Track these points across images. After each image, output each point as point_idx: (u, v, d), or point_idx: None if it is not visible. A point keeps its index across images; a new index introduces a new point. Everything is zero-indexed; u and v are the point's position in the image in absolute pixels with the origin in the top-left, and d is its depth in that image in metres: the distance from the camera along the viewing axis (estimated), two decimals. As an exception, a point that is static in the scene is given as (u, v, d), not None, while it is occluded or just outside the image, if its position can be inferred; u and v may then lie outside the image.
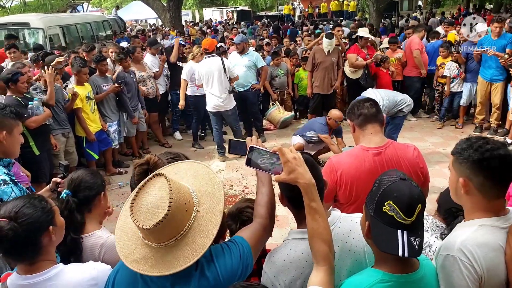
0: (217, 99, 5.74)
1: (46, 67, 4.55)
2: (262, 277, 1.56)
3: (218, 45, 6.83)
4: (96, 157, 5.38)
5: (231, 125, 6.09)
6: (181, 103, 6.30)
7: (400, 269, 1.33)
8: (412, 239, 1.24)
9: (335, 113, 5.39)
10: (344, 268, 1.53)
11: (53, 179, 2.20)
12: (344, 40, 7.94)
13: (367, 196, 1.38)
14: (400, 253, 1.23)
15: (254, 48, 7.88)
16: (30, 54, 6.44)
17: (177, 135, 7.25)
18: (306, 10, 25.73)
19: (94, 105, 5.32)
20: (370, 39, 7.32)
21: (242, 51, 6.55)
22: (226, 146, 6.11)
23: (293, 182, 1.36)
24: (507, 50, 5.91)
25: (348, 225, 1.56)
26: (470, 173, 1.45)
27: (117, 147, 5.87)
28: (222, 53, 7.43)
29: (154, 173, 1.35)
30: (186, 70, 6.31)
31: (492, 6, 19.01)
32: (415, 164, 2.25)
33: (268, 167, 1.45)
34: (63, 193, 1.91)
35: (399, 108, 5.04)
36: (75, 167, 4.94)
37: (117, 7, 22.06)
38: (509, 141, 5.87)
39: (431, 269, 1.44)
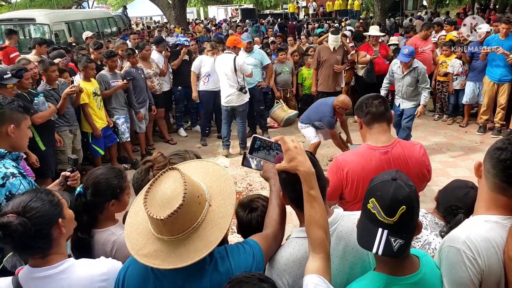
0: (227, 95, 5.91)
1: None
2: (266, 274, 1.56)
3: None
4: (102, 152, 5.41)
5: (238, 121, 6.19)
6: (194, 94, 6.38)
7: (401, 271, 1.33)
8: (393, 239, 1.25)
9: (343, 100, 5.12)
10: (347, 266, 1.54)
11: (62, 173, 2.20)
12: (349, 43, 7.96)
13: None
14: (374, 250, 1.26)
15: (259, 46, 7.90)
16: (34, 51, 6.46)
17: (182, 131, 7.29)
18: (321, 8, 25.51)
19: (101, 101, 5.34)
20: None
21: (248, 50, 6.61)
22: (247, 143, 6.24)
23: (294, 170, 1.39)
24: (514, 50, 5.92)
25: (351, 223, 1.56)
26: (486, 158, 1.50)
27: (128, 139, 5.84)
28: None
29: (168, 167, 1.36)
30: (196, 63, 6.39)
31: (497, 6, 18.89)
32: (422, 162, 2.26)
33: (269, 157, 1.51)
34: (77, 189, 1.93)
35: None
36: (80, 164, 4.98)
37: (125, 7, 22.06)
38: None
39: (432, 266, 1.45)
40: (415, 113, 5.48)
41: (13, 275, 1.54)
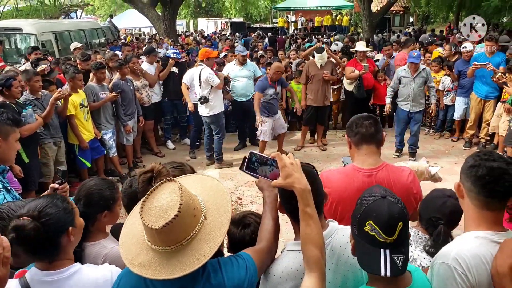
0: (198, 106, 6.04)
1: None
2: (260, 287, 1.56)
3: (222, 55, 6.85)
4: (89, 165, 5.31)
5: (214, 133, 6.18)
6: (190, 105, 6.27)
7: (394, 285, 1.34)
8: (395, 257, 1.26)
9: (274, 64, 5.99)
10: (340, 279, 1.54)
11: (51, 185, 2.16)
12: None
13: (351, 215, 1.40)
14: (383, 273, 1.25)
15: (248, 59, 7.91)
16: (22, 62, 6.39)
17: (170, 144, 7.21)
18: (310, 23, 25.79)
19: (88, 113, 5.26)
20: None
21: (243, 62, 6.63)
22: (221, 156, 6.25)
23: (289, 187, 1.38)
24: (501, 68, 6.06)
25: (345, 237, 1.56)
26: (463, 177, 1.54)
27: (115, 154, 5.79)
28: (219, 63, 7.47)
29: (165, 179, 1.37)
30: (188, 75, 6.37)
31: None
32: (409, 189, 2.17)
33: (265, 173, 1.51)
34: None
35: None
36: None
37: (111, 16, 22.04)
38: None
39: (423, 280, 1.46)
40: (430, 112, 6.45)
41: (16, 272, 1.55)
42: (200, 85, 5.88)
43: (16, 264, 1.63)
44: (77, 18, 23.35)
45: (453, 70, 6.74)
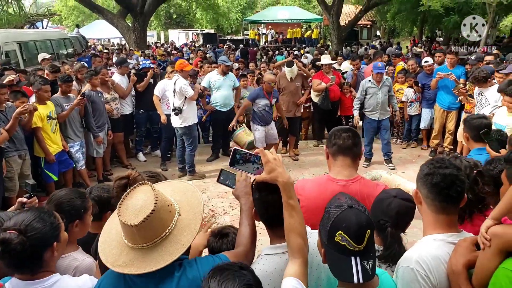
0: (171, 116, 6.01)
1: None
2: None
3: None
4: (55, 178, 5.14)
5: (186, 144, 6.15)
6: (163, 117, 6.21)
7: (362, 287, 1.37)
8: (365, 263, 1.31)
9: (266, 76, 6.14)
10: (314, 281, 1.59)
11: (19, 199, 2.11)
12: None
13: (320, 223, 1.45)
14: (355, 280, 1.30)
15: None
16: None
17: (141, 156, 7.10)
18: (280, 36, 26.11)
19: (56, 125, 5.13)
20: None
21: (226, 72, 6.70)
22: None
23: (273, 181, 1.46)
24: (461, 80, 6.37)
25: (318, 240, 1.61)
26: (419, 185, 1.64)
27: (83, 167, 5.66)
28: (191, 75, 7.46)
29: (138, 183, 1.45)
30: (160, 86, 6.34)
31: (442, 39, 20.37)
32: None
33: (249, 168, 1.58)
34: None
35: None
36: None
37: (78, 26, 21.59)
38: None
39: (390, 282, 1.51)
40: (396, 118, 6.80)
41: None
42: (174, 95, 5.84)
43: None
44: (43, 27, 22.75)
45: (419, 84, 7.00)
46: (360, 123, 6.76)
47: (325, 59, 7.60)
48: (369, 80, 6.36)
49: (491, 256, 1.43)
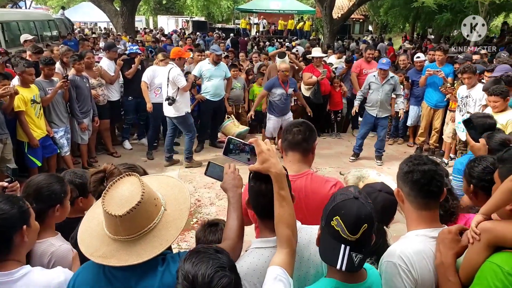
0: (164, 106, 5.89)
1: None
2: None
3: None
4: (39, 164, 5.02)
5: (184, 132, 6.12)
6: (149, 105, 6.16)
7: (350, 279, 1.41)
8: (354, 254, 1.33)
9: (281, 65, 6.06)
10: (303, 276, 1.61)
11: (0, 183, 2.05)
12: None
13: (323, 208, 1.47)
14: (338, 266, 1.33)
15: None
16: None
17: (127, 144, 6.98)
18: (272, 26, 25.92)
19: (40, 109, 4.99)
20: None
21: (217, 62, 6.59)
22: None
23: (266, 171, 1.48)
24: (449, 79, 6.41)
25: (308, 236, 1.63)
26: (401, 183, 1.67)
27: (68, 154, 5.53)
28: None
29: (125, 173, 1.42)
30: (148, 73, 6.23)
31: (433, 36, 20.49)
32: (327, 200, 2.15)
33: (243, 158, 1.60)
34: None
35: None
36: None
37: (63, 8, 21.03)
38: (445, 161, 6.32)
39: (377, 278, 1.55)
40: (399, 117, 6.73)
41: None
42: (168, 84, 5.73)
43: None
44: (26, 7, 22.11)
45: (409, 80, 7.01)
46: (359, 119, 6.74)
47: (316, 52, 7.57)
48: (374, 75, 6.32)
49: (479, 250, 1.48)
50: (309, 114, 6.56)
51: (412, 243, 1.59)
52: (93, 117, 5.92)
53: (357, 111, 6.69)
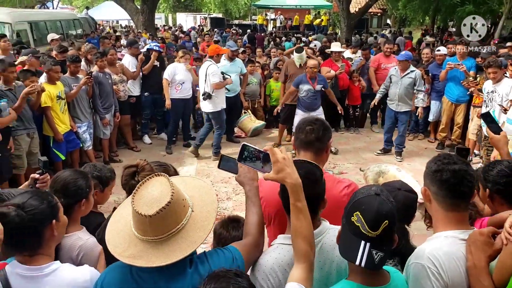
0: (201, 101, 6.10)
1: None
2: (250, 278, 1.59)
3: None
4: (63, 157, 5.21)
5: (214, 128, 6.27)
6: (168, 102, 6.34)
7: (371, 282, 1.38)
8: (374, 252, 1.29)
9: (309, 61, 6.20)
10: (325, 276, 1.59)
11: (32, 175, 2.14)
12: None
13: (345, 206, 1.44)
14: (357, 262, 1.29)
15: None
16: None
17: (146, 139, 7.14)
18: (289, 22, 25.78)
19: (65, 105, 5.18)
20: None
21: (232, 58, 6.64)
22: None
23: (281, 181, 1.43)
24: (471, 72, 6.26)
25: (335, 238, 1.58)
26: (428, 183, 1.61)
27: (90, 148, 5.72)
28: (197, 59, 7.48)
29: (154, 173, 1.42)
30: (169, 70, 6.35)
31: (455, 29, 20.02)
32: (340, 201, 1.98)
33: (258, 165, 1.53)
34: None
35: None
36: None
37: (87, 8, 21.54)
38: (470, 158, 6.18)
39: (402, 281, 1.51)
40: (417, 114, 6.51)
41: None
42: (205, 80, 5.89)
43: None
44: (53, 8, 22.71)
45: (429, 74, 6.90)
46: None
47: (336, 46, 7.54)
48: (395, 68, 6.31)
49: None
50: (339, 112, 6.61)
51: (441, 244, 1.53)
52: (114, 113, 6.09)
53: (376, 103, 6.66)
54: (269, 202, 2.01)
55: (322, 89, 6.21)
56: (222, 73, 6.14)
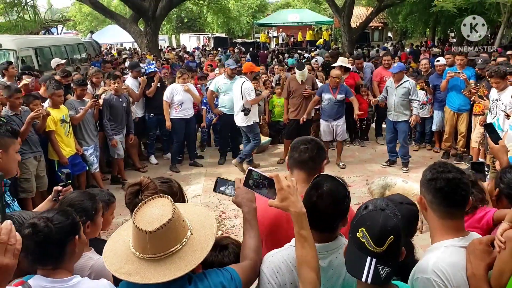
0: (235, 116, 6.39)
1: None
2: (260, 275, 1.61)
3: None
4: (69, 181, 5.24)
5: (251, 139, 6.46)
6: (168, 123, 6.48)
7: None
8: (380, 267, 1.28)
9: (333, 71, 6.56)
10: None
11: (55, 188, 2.17)
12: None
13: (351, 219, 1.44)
14: (364, 279, 1.28)
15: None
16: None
17: (152, 159, 7.18)
18: (291, 38, 26.13)
19: (69, 128, 5.23)
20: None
21: (232, 76, 6.73)
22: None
23: (285, 210, 1.44)
24: (471, 81, 6.28)
25: None
26: (424, 191, 1.63)
27: (97, 170, 5.78)
28: (201, 78, 7.56)
29: (157, 195, 1.47)
30: (168, 92, 6.44)
31: (455, 39, 20.14)
32: None
33: (263, 191, 1.54)
34: None
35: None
36: (46, 191, 4.82)
37: (91, 32, 22.01)
38: None
39: None
40: (409, 123, 6.39)
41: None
42: (242, 97, 6.17)
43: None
44: (57, 33, 23.19)
45: (430, 85, 6.92)
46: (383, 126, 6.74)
47: (341, 61, 7.55)
48: (390, 80, 6.46)
49: (507, 259, 1.43)
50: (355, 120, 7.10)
51: (444, 255, 1.52)
52: (127, 133, 6.26)
53: (374, 104, 6.97)
54: (261, 223, 1.98)
55: (346, 98, 6.49)
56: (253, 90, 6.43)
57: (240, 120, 6.32)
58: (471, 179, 2.15)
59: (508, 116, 4.90)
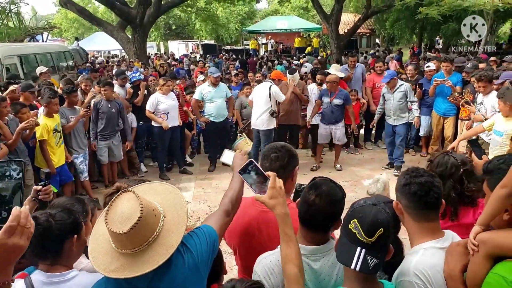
0: (255, 118, 6.45)
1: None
2: (253, 276, 1.69)
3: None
4: (55, 190, 5.15)
5: (262, 144, 6.49)
6: (165, 124, 6.40)
7: None
8: (369, 258, 1.34)
9: (329, 76, 6.66)
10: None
11: (34, 187, 2.11)
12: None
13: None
14: (352, 266, 1.35)
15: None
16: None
17: (142, 167, 7.12)
18: (280, 45, 26.24)
19: (60, 138, 5.16)
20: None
21: (216, 84, 6.71)
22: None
23: (271, 208, 1.56)
24: (457, 87, 6.40)
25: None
26: (399, 196, 1.70)
27: (87, 179, 5.73)
28: (189, 86, 7.55)
29: (120, 191, 1.49)
30: (151, 101, 6.39)
31: (441, 46, 20.50)
32: None
33: (255, 185, 1.64)
34: None
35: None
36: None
37: (77, 39, 21.81)
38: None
39: None
40: (413, 124, 6.70)
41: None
42: (270, 100, 6.30)
43: (17, 266, 1.70)
44: (43, 40, 22.93)
45: (423, 88, 6.95)
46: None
47: (333, 69, 7.53)
48: (385, 87, 6.61)
49: (480, 262, 1.49)
50: (355, 133, 7.30)
51: (423, 257, 1.58)
52: (123, 140, 6.30)
53: (374, 125, 7.05)
54: (232, 234, 2.03)
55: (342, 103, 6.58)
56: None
57: (261, 123, 6.40)
58: (466, 167, 2.23)
59: (486, 119, 5.00)
